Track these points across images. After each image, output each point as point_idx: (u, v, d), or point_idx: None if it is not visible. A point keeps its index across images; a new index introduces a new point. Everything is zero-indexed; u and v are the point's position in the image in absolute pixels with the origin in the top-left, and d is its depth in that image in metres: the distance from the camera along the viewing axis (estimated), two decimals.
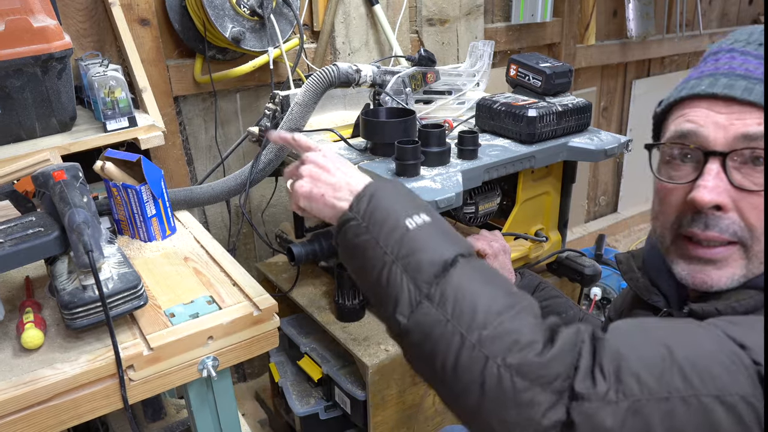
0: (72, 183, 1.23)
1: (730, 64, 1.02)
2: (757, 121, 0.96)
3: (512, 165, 1.74)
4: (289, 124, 1.79)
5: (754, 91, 0.97)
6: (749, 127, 0.96)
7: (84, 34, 2.08)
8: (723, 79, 1.00)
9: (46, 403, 1.09)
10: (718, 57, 1.06)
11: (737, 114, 0.98)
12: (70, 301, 1.12)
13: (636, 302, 1.32)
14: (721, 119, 0.99)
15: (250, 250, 2.74)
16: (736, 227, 0.99)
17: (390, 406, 1.82)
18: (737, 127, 0.97)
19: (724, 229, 0.99)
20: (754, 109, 0.97)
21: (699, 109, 1.02)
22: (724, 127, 0.98)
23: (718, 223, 0.99)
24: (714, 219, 1.00)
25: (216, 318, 1.25)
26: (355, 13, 2.57)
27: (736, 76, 1.00)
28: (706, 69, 1.06)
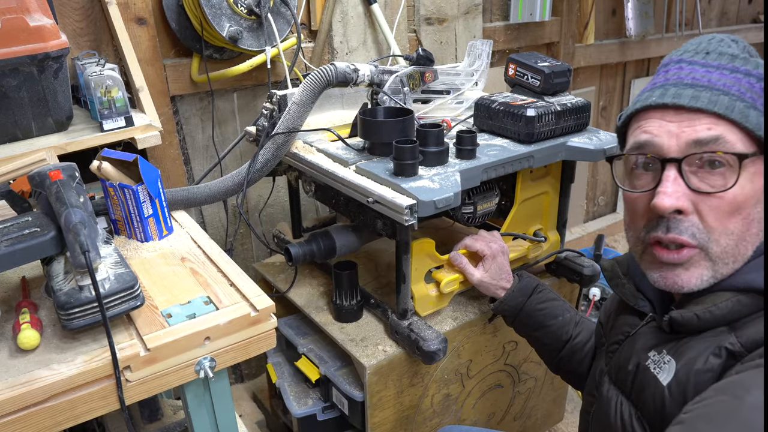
0: (68, 183, 1.23)
1: (679, 75, 1.09)
2: (707, 126, 1.02)
3: (511, 165, 1.74)
4: (286, 124, 1.79)
5: (700, 98, 1.03)
6: (699, 132, 1.02)
7: (80, 34, 2.08)
8: (672, 89, 1.07)
9: (42, 404, 1.09)
10: (668, 69, 1.12)
11: (687, 121, 1.04)
12: (66, 301, 1.12)
13: (622, 308, 1.36)
14: (673, 128, 1.05)
15: (247, 251, 2.75)
16: (695, 229, 1.04)
17: (388, 407, 1.82)
18: (688, 134, 1.03)
19: (684, 230, 1.05)
20: (702, 115, 1.03)
21: (653, 120, 1.09)
22: (676, 134, 1.04)
23: (678, 225, 1.05)
24: (675, 222, 1.05)
25: (213, 318, 1.25)
26: (352, 12, 2.57)
27: (684, 85, 1.06)
28: (658, 81, 1.12)
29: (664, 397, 1.07)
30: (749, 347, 0.99)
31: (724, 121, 1.02)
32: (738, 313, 1.03)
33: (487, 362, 2.07)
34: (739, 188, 1.02)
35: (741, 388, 0.93)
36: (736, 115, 1.01)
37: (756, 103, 1.02)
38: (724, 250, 1.05)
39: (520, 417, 2.36)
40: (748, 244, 1.05)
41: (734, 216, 1.03)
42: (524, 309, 1.73)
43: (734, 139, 1.02)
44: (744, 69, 1.06)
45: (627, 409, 1.18)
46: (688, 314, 1.08)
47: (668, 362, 1.10)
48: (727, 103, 1.02)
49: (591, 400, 1.36)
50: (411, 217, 1.49)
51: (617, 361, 1.27)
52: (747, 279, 1.04)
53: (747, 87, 1.04)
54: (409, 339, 1.73)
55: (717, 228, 1.04)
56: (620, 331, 1.31)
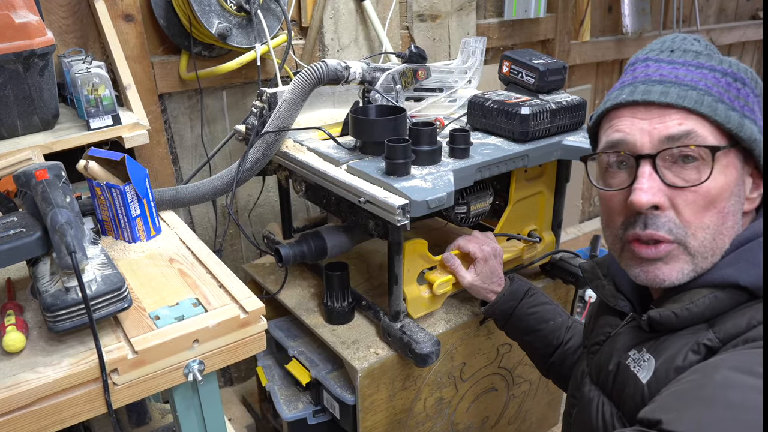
0: (54, 182, 1.24)
1: (646, 72, 1.11)
2: (678, 121, 1.05)
3: (505, 164, 1.75)
4: (276, 123, 1.79)
5: (669, 93, 1.06)
6: (670, 129, 1.05)
7: (67, 30, 2.08)
8: (641, 86, 1.09)
9: (27, 407, 1.09)
10: (635, 67, 1.15)
11: (658, 117, 1.07)
12: (52, 303, 1.12)
13: (603, 308, 1.38)
14: (645, 124, 1.08)
15: (236, 251, 2.75)
16: (672, 225, 1.07)
17: (380, 410, 1.83)
18: (659, 130, 1.06)
19: (661, 226, 1.07)
20: (672, 111, 1.06)
21: (624, 118, 1.11)
22: (648, 131, 1.07)
23: (656, 221, 1.07)
24: (652, 218, 1.08)
25: (202, 321, 1.25)
26: (344, 8, 2.58)
27: (653, 82, 1.08)
28: (626, 80, 1.14)
29: (644, 395, 1.09)
30: (726, 341, 1.01)
31: (694, 116, 1.05)
32: (716, 310, 1.05)
33: (481, 365, 2.07)
34: (713, 181, 1.04)
35: (711, 367, 0.96)
36: (705, 108, 1.04)
37: (723, 97, 1.05)
38: (702, 243, 1.07)
39: (514, 421, 2.37)
40: (725, 237, 1.08)
41: (709, 209, 1.06)
42: (515, 313, 1.74)
43: (705, 133, 1.04)
44: (709, 65, 1.08)
45: (608, 408, 1.20)
46: (666, 312, 1.10)
47: (648, 360, 1.12)
48: (695, 98, 1.04)
49: (573, 402, 1.38)
50: (403, 217, 1.50)
51: (598, 361, 1.28)
52: (723, 274, 1.07)
53: (713, 82, 1.06)
54: (402, 341, 1.73)
55: (693, 222, 1.06)
56: (601, 332, 1.33)
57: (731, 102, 1.05)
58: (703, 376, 0.95)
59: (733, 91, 1.06)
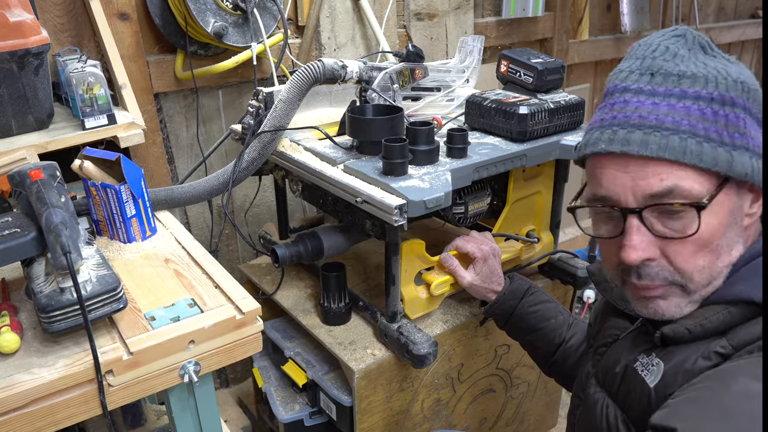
0: (49, 182, 1.24)
1: (624, 111, 1.06)
2: (660, 177, 1.02)
3: (503, 164, 1.75)
4: (273, 122, 1.80)
5: (648, 144, 1.01)
6: (653, 186, 1.02)
7: (61, 29, 2.08)
8: (620, 131, 1.05)
9: (22, 409, 1.09)
10: (614, 100, 1.09)
11: (639, 172, 1.03)
12: (47, 303, 1.12)
13: (610, 310, 1.37)
14: (627, 180, 1.05)
15: (232, 252, 2.75)
16: (666, 273, 1.07)
17: (377, 412, 1.83)
18: (642, 188, 1.03)
19: (655, 276, 1.07)
20: (653, 163, 1.02)
21: (606, 171, 1.08)
22: (631, 188, 1.04)
23: (649, 272, 1.07)
24: (645, 269, 1.08)
25: (198, 321, 1.25)
26: (341, 7, 2.58)
27: (632, 127, 1.04)
28: (606, 117, 1.09)
29: (651, 399, 1.09)
30: (739, 348, 1.00)
31: (677, 165, 1.01)
32: (729, 324, 1.04)
33: (479, 366, 2.08)
34: (704, 226, 1.02)
35: (728, 375, 0.95)
36: (688, 158, 1.00)
37: (709, 133, 1.00)
38: (699, 283, 1.07)
39: (512, 422, 2.37)
40: (721, 268, 1.07)
41: (702, 251, 1.05)
42: (516, 312, 1.74)
43: (690, 184, 1.01)
44: (692, 92, 1.02)
45: (613, 411, 1.20)
46: (679, 329, 1.09)
47: (657, 365, 1.11)
48: (678, 146, 1.00)
49: (577, 403, 1.38)
50: (400, 217, 1.50)
51: (605, 363, 1.28)
52: (736, 291, 1.05)
53: (698, 116, 1.01)
54: (399, 342, 1.74)
55: (687, 268, 1.06)
56: (608, 334, 1.32)
57: (719, 135, 1.00)
58: (720, 384, 0.94)
59: (720, 121, 1.01)
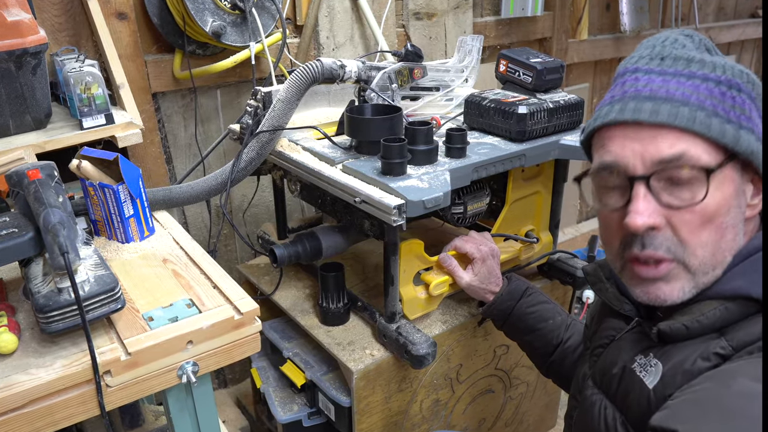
0: (47, 182, 1.24)
1: (636, 86, 1.08)
2: (669, 143, 1.03)
3: (502, 164, 1.75)
4: (271, 122, 1.80)
5: (659, 112, 1.03)
6: (662, 152, 1.03)
7: (59, 29, 2.08)
8: (631, 103, 1.06)
9: (20, 409, 1.10)
10: (625, 80, 1.12)
11: (649, 138, 1.04)
12: (45, 304, 1.13)
13: (606, 311, 1.36)
14: (636, 146, 1.05)
15: (231, 252, 2.75)
16: (670, 243, 1.05)
17: (375, 412, 1.83)
18: (651, 153, 1.04)
19: (659, 246, 1.06)
20: (664, 131, 1.03)
21: (615, 138, 1.09)
22: (641, 153, 1.05)
23: (653, 241, 1.06)
24: (649, 238, 1.06)
25: (196, 322, 1.26)
26: (339, 6, 2.58)
27: (643, 98, 1.05)
28: (616, 94, 1.11)
29: (650, 400, 1.08)
30: (739, 348, 1.00)
31: (686, 134, 1.02)
32: (726, 321, 1.04)
33: (478, 366, 2.08)
34: (710, 198, 1.02)
35: (728, 376, 0.94)
36: (698, 126, 1.01)
37: (717, 110, 1.02)
38: (702, 261, 1.06)
39: (511, 423, 2.37)
40: (724, 251, 1.07)
41: (707, 226, 1.04)
42: (514, 313, 1.75)
43: (698, 152, 1.02)
44: (701, 74, 1.04)
45: (611, 413, 1.19)
46: (676, 325, 1.09)
47: (655, 365, 1.11)
48: (688, 115, 1.01)
49: (574, 404, 1.38)
50: (399, 217, 1.50)
51: (602, 364, 1.28)
52: (733, 286, 1.05)
53: (706, 93, 1.03)
54: (398, 343, 1.74)
55: (691, 241, 1.05)
56: (604, 335, 1.32)
57: (726, 113, 1.02)
58: (720, 385, 0.94)
59: (728, 101, 1.03)
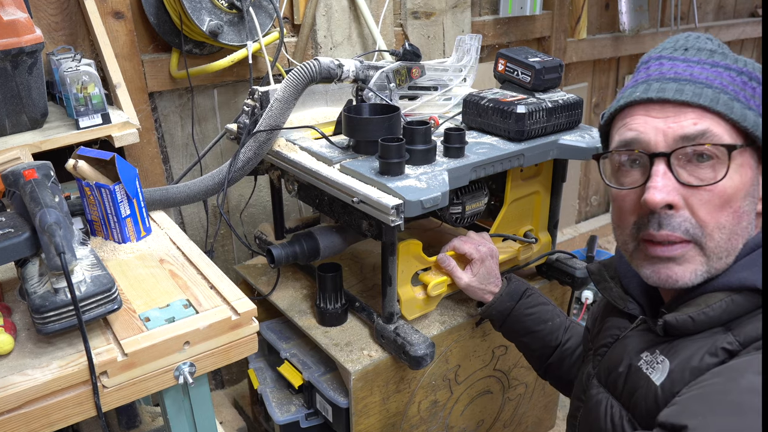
0: (43, 182, 1.24)
1: (660, 70, 1.11)
2: (693, 121, 1.05)
3: (500, 163, 1.75)
4: (268, 121, 1.80)
5: (684, 91, 1.05)
6: (685, 128, 1.05)
7: (56, 28, 2.08)
8: (655, 84, 1.09)
9: (16, 410, 1.09)
10: (649, 65, 1.15)
11: (673, 116, 1.06)
12: (41, 304, 1.13)
13: (610, 310, 1.37)
14: (659, 123, 1.07)
15: (228, 252, 2.75)
16: (688, 224, 1.06)
17: (373, 413, 1.83)
18: (674, 130, 1.05)
19: (676, 226, 1.06)
20: (688, 109, 1.06)
21: (637, 116, 1.11)
22: (663, 130, 1.07)
23: (671, 221, 1.07)
24: (666, 218, 1.07)
25: (193, 322, 1.26)
26: (337, 5, 2.58)
27: (667, 80, 1.08)
28: (640, 77, 1.14)
29: (657, 397, 1.08)
30: (747, 344, 1.00)
31: (709, 114, 1.04)
32: (733, 313, 1.04)
33: (476, 367, 2.08)
34: (729, 180, 1.04)
35: (736, 371, 0.94)
36: (721, 107, 1.03)
37: (738, 96, 1.05)
38: (718, 244, 1.06)
39: (510, 424, 2.37)
40: (739, 237, 1.07)
41: (725, 209, 1.05)
42: (512, 314, 1.75)
43: (721, 131, 1.04)
44: (723, 63, 1.08)
45: (618, 411, 1.19)
46: (682, 317, 1.08)
47: (662, 362, 1.11)
48: (711, 96, 1.04)
49: (578, 405, 1.37)
50: (397, 217, 1.50)
51: (607, 363, 1.28)
52: (740, 278, 1.06)
53: (729, 80, 1.06)
54: (396, 343, 1.74)
55: (709, 222, 1.05)
56: (609, 334, 1.32)
57: (747, 101, 1.05)
58: (728, 380, 0.94)
59: (748, 90, 1.06)
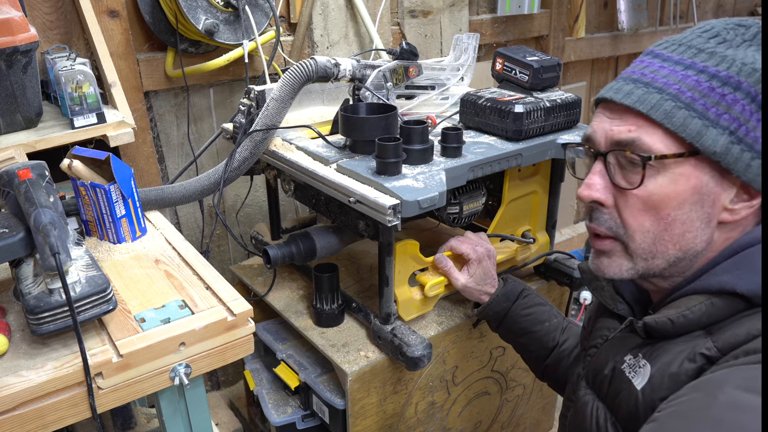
0: (38, 182, 1.24)
1: (634, 68, 1.13)
2: (629, 127, 1.08)
3: (498, 163, 1.76)
4: (264, 121, 1.80)
5: (632, 94, 1.08)
6: (621, 134, 1.09)
7: (50, 27, 2.08)
8: (619, 82, 1.12)
9: (10, 412, 1.10)
10: (638, 60, 1.16)
11: (618, 119, 1.10)
12: (35, 305, 1.13)
13: (602, 311, 1.38)
14: (606, 124, 1.12)
15: (224, 252, 2.75)
16: (612, 223, 1.13)
17: (370, 415, 1.83)
18: (614, 133, 1.10)
19: (602, 222, 1.14)
20: (629, 114, 1.09)
21: (599, 114, 1.15)
22: (606, 132, 1.11)
23: (599, 216, 1.14)
24: (597, 213, 1.15)
25: (188, 323, 1.26)
26: (333, 4, 2.58)
27: (628, 80, 1.11)
28: (624, 73, 1.16)
29: (637, 401, 1.10)
30: (725, 351, 1.00)
31: (648, 121, 1.06)
32: (712, 317, 1.05)
33: (474, 369, 2.08)
34: (656, 187, 1.06)
35: (714, 385, 0.94)
36: (658, 115, 1.04)
37: (694, 103, 1.03)
38: (640, 246, 1.12)
39: (508, 425, 2.37)
40: (667, 243, 1.10)
41: (649, 213, 1.09)
42: (509, 314, 1.75)
43: (652, 141, 1.06)
44: (701, 65, 1.04)
45: (603, 413, 1.21)
46: (662, 319, 1.10)
47: (643, 366, 1.12)
48: (654, 103, 1.05)
49: (569, 405, 1.39)
50: (394, 217, 1.50)
51: (594, 365, 1.29)
52: (720, 281, 1.06)
53: (690, 86, 1.04)
54: (393, 344, 1.74)
55: (632, 224, 1.11)
56: (599, 335, 1.33)
57: (703, 107, 1.02)
58: (707, 395, 0.93)
59: (712, 97, 1.02)
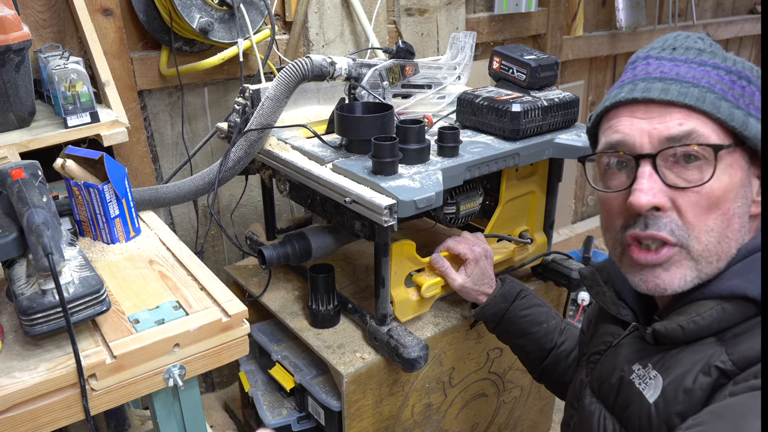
0: (31, 182, 1.24)
1: (647, 70, 1.10)
2: (678, 121, 1.04)
3: (495, 163, 1.76)
4: (259, 120, 1.80)
5: (669, 90, 1.05)
6: (671, 129, 1.04)
7: (43, 25, 2.07)
8: (641, 83, 1.08)
9: (3, 414, 1.10)
10: (636, 66, 1.14)
11: (658, 117, 1.06)
12: (28, 306, 1.13)
13: (603, 316, 1.36)
14: (644, 124, 1.07)
15: (218, 253, 2.75)
16: (674, 225, 1.05)
17: (366, 417, 1.83)
18: (660, 131, 1.05)
19: (662, 227, 1.05)
20: (673, 109, 1.05)
21: (623, 118, 1.10)
22: (648, 132, 1.06)
23: (657, 222, 1.06)
24: (653, 219, 1.06)
25: (183, 324, 1.26)
26: (329, 2, 2.58)
27: (653, 79, 1.08)
28: (626, 78, 1.14)
29: (651, 416, 1.08)
30: (741, 365, 0.98)
31: (695, 114, 1.04)
32: (724, 322, 1.04)
33: (471, 370, 2.08)
34: (716, 181, 1.03)
35: (738, 416, 0.92)
36: (707, 106, 1.03)
37: (726, 95, 1.04)
38: (706, 247, 1.05)
39: (505, 428, 2.38)
40: (731, 241, 1.06)
41: (713, 211, 1.04)
42: (506, 315, 1.75)
43: (707, 132, 1.03)
44: (712, 62, 1.07)
45: (611, 424, 1.19)
46: (672, 325, 1.08)
47: (654, 378, 1.10)
48: (697, 95, 1.03)
49: (572, 413, 1.37)
50: (390, 217, 1.50)
51: (599, 372, 1.27)
52: (731, 285, 1.04)
53: (716, 79, 1.05)
54: (389, 346, 1.74)
55: (696, 225, 1.04)
56: (601, 341, 1.31)
57: (735, 100, 1.04)
58: (732, 427, 0.91)
59: (737, 89, 1.05)
